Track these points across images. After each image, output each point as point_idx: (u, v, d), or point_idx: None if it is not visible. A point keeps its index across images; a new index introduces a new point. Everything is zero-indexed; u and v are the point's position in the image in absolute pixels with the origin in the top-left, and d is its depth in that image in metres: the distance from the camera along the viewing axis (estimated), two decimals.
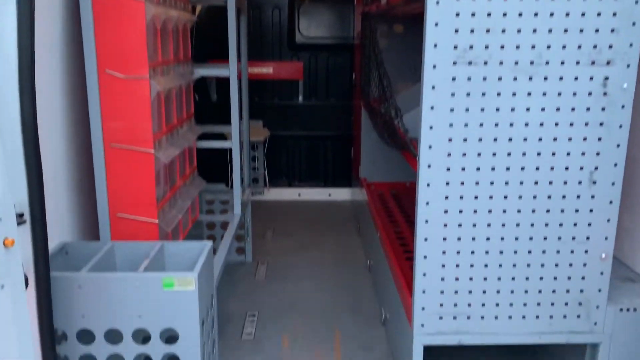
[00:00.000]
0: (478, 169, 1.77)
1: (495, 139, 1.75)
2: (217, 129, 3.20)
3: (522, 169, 1.77)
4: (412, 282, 2.08)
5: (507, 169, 1.77)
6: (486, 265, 1.85)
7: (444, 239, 1.83)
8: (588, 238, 1.83)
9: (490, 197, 1.79)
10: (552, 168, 1.77)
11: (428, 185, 1.78)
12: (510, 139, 1.75)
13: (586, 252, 1.84)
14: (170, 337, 1.76)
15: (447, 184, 1.78)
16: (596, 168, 1.77)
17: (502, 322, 1.89)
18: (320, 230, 3.96)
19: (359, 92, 3.92)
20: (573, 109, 1.73)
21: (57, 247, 1.90)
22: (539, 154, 1.76)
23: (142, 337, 1.76)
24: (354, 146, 4.35)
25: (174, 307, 1.71)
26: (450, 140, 1.75)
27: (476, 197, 1.79)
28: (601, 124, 1.73)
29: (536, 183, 1.78)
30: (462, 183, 1.78)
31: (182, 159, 2.48)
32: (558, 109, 1.73)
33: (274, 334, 2.56)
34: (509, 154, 1.76)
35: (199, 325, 1.74)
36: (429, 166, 1.77)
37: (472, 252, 1.84)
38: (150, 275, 1.72)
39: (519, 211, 1.81)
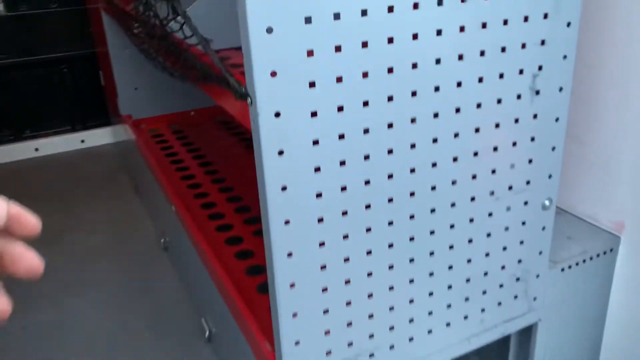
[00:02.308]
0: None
1: None
2: None
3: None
4: (249, 297, 1.23)
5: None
6: (391, 267, 1.06)
7: (321, 244, 0.96)
8: (528, 183, 1.14)
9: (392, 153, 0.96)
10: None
11: (281, 153, 0.86)
12: None
13: (526, 203, 1.16)
14: None
15: (315, 142, 0.88)
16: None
17: (419, 342, 1.16)
18: (78, 198, 2.76)
19: None
20: None
21: None
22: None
23: None
24: (102, 68, 3.09)
25: None
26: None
27: (367, 157, 0.94)
28: None
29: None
30: (342, 136, 0.90)
31: None
32: None
33: None
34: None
35: None
36: (277, 115, 0.84)
37: (369, 253, 1.02)
38: None
39: (434, 165, 1.02)
